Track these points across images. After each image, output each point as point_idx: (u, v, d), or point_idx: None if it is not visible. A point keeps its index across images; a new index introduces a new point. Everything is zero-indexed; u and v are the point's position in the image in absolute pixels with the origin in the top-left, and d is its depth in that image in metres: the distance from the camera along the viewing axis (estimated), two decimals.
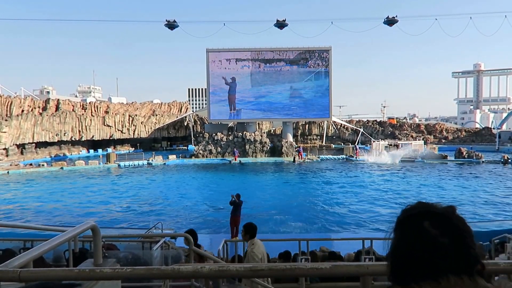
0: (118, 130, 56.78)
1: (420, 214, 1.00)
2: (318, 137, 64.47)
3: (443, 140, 62.01)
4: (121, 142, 58.10)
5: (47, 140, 48.78)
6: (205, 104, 63.39)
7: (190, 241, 5.02)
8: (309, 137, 64.64)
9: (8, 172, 35.30)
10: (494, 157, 43.18)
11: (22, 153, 45.88)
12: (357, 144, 52.51)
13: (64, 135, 50.32)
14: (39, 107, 51.24)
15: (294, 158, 44.06)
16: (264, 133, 54.22)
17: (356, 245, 9.53)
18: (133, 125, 58.21)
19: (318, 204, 22.10)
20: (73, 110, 53.98)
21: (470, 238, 0.97)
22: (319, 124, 63.57)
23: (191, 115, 63.94)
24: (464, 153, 42.37)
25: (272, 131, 64.24)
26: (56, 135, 49.44)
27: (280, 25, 52.50)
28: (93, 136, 53.87)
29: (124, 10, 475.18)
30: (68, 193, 25.72)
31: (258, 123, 60.69)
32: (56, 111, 51.69)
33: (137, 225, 17.23)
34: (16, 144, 44.88)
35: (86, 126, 53.00)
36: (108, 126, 55.76)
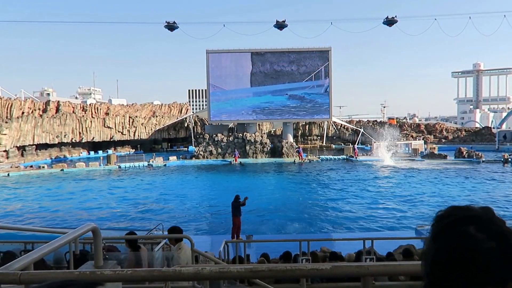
0: (119, 131, 56.80)
1: (463, 219, 0.92)
2: (319, 137, 64.48)
3: (443, 140, 62.06)
4: (122, 143, 58.12)
5: (48, 142, 48.80)
6: (206, 105, 63.46)
7: (191, 242, 5.02)
8: (309, 137, 64.65)
9: (8, 174, 35.31)
10: (494, 157, 43.19)
11: (22, 155, 45.89)
12: (357, 145, 52.55)
13: (65, 137, 50.34)
14: (39, 109, 51.26)
15: (295, 158, 44.09)
16: (265, 133, 54.25)
17: (357, 245, 9.53)
18: (134, 127, 58.24)
19: (318, 204, 22.10)
20: (73, 112, 54.00)
21: None
22: (319, 124, 63.59)
23: (191, 116, 63.95)
24: (464, 152, 42.39)
25: (273, 131, 64.25)
26: (56, 137, 49.46)
27: (280, 26, 52.55)
28: (93, 138, 53.89)
29: (124, 12, 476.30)
30: (69, 195, 25.72)
31: (258, 124, 60.72)
32: (56, 113, 51.72)
33: (138, 226, 17.22)
34: (16, 146, 44.90)
35: (86, 128, 53.02)
36: (109, 127, 55.78)
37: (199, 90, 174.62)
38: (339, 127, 63.98)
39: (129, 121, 57.91)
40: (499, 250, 0.87)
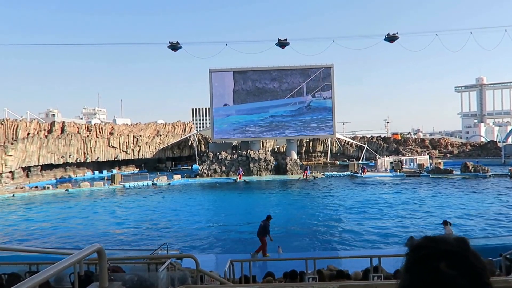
0: (123, 151, 57.02)
1: (434, 255, 0.91)
2: (323, 154, 64.39)
3: (449, 155, 61.69)
4: (126, 163, 58.26)
5: (53, 163, 49.01)
6: (209, 123, 63.79)
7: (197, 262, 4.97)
8: (313, 154, 64.57)
9: (13, 195, 35.36)
10: (501, 171, 42.83)
11: (27, 175, 46.06)
12: (361, 161, 52.44)
13: (69, 157, 50.56)
14: (44, 130, 51.69)
15: (299, 176, 43.91)
16: (268, 151, 54.24)
17: (364, 262, 9.39)
18: (138, 146, 58.46)
19: (324, 222, 21.88)
20: (78, 132, 54.38)
21: (486, 275, 0.91)
22: (323, 141, 63.58)
23: (195, 134, 64.22)
24: (470, 167, 42.07)
25: (276, 149, 64.26)
26: (61, 157, 49.68)
27: (282, 44, 53.07)
28: (98, 158, 54.08)
29: (128, 32, 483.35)
30: (74, 215, 25.66)
31: (262, 141, 60.80)
32: (61, 133, 52.09)
33: (143, 246, 17.10)
34: (21, 167, 45.09)
35: (91, 148, 53.28)
36: (113, 147, 56.02)
37: (202, 109, 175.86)
38: (343, 143, 63.93)
39: (133, 141, 58.19)
40: (470, 287, 0.86)
